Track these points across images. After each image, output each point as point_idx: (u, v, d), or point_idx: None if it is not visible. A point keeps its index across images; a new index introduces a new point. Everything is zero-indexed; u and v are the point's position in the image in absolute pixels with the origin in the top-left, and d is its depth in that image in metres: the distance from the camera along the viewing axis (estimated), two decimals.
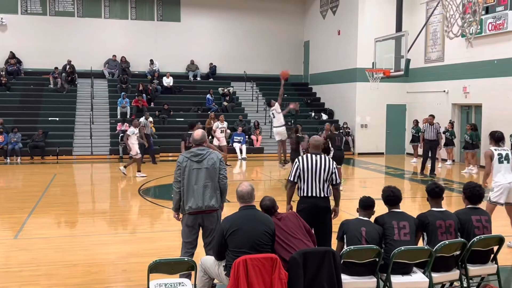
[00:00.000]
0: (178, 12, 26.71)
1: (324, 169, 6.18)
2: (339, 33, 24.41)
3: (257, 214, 5.14)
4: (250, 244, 4.87)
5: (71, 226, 10.00)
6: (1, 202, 11.95)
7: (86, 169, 18.86)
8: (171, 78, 25.45)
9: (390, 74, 16.25)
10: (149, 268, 4.78)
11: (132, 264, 7.17)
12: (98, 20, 25.76)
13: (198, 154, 5.96)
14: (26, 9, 25.01)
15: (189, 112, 24.03)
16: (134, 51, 25.94)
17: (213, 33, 27.06)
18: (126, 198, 13.48)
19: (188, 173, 5.90)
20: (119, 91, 24.04)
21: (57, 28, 25.04)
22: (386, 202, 5.69)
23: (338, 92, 24.75)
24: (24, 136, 20.20)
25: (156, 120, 22.17)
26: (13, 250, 7.96)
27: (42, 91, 23.78)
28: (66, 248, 8.04)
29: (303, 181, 6.19)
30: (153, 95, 24.25)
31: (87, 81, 24.52)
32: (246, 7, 27.10)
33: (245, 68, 26.72)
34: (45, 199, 12.12)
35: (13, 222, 9.77)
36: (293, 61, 28.15)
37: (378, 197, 5.78)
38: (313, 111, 25.57)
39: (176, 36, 26.48)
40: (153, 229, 9.78)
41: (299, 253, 4.80)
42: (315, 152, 6.32)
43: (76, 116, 22.62)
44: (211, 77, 26.95)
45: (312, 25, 27.46)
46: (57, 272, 6.81)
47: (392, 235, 5.39)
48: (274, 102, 16.24)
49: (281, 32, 27.70)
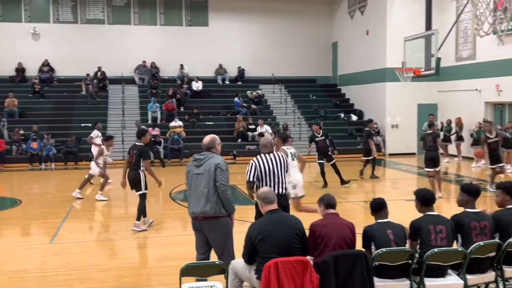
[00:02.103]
0: (206, 16, 26.90)
1: (280, 166, 6.18)
2: (368, 33, 24.21)
3: (285, 218, 5.12)
4: (280, 249, 4.85)
5: (105, 230, 10.16)
6: (36, 208, 12.20)
7: (118, 174, 19.01)
8: (200, 82, 25.63)
9: (420, 73, 16.02)
10: (181, 272, 4.82)
11: (164, 268, 7.23)
12: (127, 26, 26.13)
13: (197, 159, 5.95)
14: (57, 17, 25.55)
15: (218, 115, 24.15)
16: (164, 57, 26.21)
17: (241, 36, 27.15)
18: (157, 202, 13.60)
19: (191, 178, 5.94)
20: (149, 96, 24.32)
21: (88, 36, 25.49)
22: (422, 203, 5.48)
23: (367, 93, 24.54)
24: (58, 142, 20.60)
25: (186, 124, 22.36)
26: (48, 254, 8.12)
27: (75, 98, 24.21)
28: (100, 252, 8.17)
29: (261, 181, 6.16)
30: (183, 99, 24.46)
31: (118, 87, 24.88)
32: (273, 10, 27.11)
33: (273, 70, 26.73)
34: (78, 204, 12.32)
35: (48, 227, 9.97)
36: (322, 62, 28.06)
37: (410, 198, 5.68)
38: (343, 112, 25.41)
39: (205, 40, 26.65)
40: (184, 232, 9.82)
41: (331, 256, 4.76)
42: (268, 152, 6.30)
43: (108, 122, 22.97)
44: (239, 81, 27.05)
45: (340, 26, 27.31)
46: (91, 276, 6.92)
47: (428, 240, 5.22)
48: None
49: (309, 33, 27.62)
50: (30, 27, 25.06)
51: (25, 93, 23.92)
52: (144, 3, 26.30)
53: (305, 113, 25.13)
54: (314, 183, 15.23)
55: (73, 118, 22.83)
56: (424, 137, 12.76)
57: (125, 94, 24.49)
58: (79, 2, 25.65)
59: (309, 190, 14.25)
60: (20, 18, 25.14)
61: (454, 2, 21.03)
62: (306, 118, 24.70)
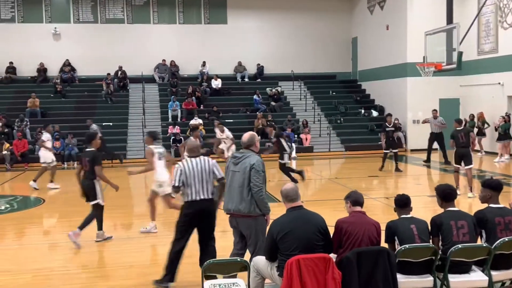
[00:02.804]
0: (224, 14, 26.93)
1: (207, 170, 6.18)
2: (388, 28, 24.00)
3: (307, 215, 5.08)
4: (302, 246, 4.83)
5: (127, 228, 10.24)
6: (59, 206, 12.35)
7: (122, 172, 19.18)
8: (219, 80, 25.69)
9: (442, 68, 15.85)
10: (203, 269, 4.84)
11: (186, 265, 7.25)
12: (147, 25, 26.29)
13: (235, 156, 6.01)
14: (78, 18, 25.81)
15: (238, 113, 24.19)
16: (183, 55, 26.32)
17: (259, 33, 27.13)
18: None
19: (228, 174, 6.02)
20: (169, 94, 24.46)
21: (108, 35, 25.72)
22: (443, 198, 5.44)
23: (388, 88, 24.34)
24: (80, 142, 20.80)
25: (205, 122, 22.43)
26: (72, 252, 8.21)
27: (96, 97, 24.45)
28: (123, 250, 8.24)
29: (187, 186, 6.16)
30: (202, 97, 24.54)
31: (138, 86, 25.07)
32: (292, 6, 27.02)
33: (292, 67, 26.65)
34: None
35: (72, 225, 10.05)
36: (341, 58, 27.91)
37: (432, 194, 5.62)
38: (363, 108, 25.25)
39: (223, 38, 26.69)
40: None
41: (353, 253, 4.74)
42: (194, 156, 6.31)
43: (128, 120, 23.16)
44: (258, 78, 27.04)
45: (359, 21, 27.11)
46: (114, 274, 6.99)
47: (450, 236, 5.18)
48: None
49: (328, 29, 27.48)
50: (51, 28, 25.37)
51: (47, 93, 24.23)
52: (163, 2, 26.44)
53: (325, 110, 25.02)
54: (335, 180, 15.16)
55: (95, 118, 23.03)
56: (455, 134, 12.17)
57: (145, 93, 24.66)
58: (99, 2, 25.88)
59: (330, 186, 14.21)
60: (41, 19, 25.46)
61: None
62: (326, 115, 24.60)
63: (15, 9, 25.26)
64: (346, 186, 13.95)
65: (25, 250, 8.67)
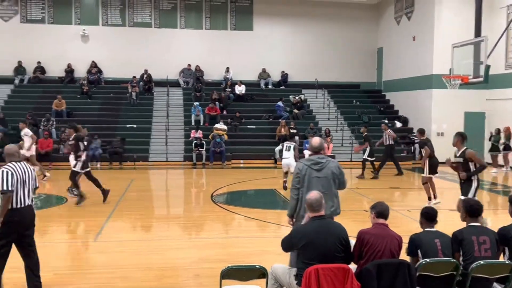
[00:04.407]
0: (250, 21, 27.04)
1: (30, 176, 6.04)
2: (414, 39, 23.84)
3: (330, 225, 5.06)
4: (322, 256, 4.81)
5: (146, 230, 10.31)
6: (81, 206, 12.48)
7: (162, 175, 19.39)
8: (243, 86, 25.77)
9: (468, 81, 15.68)
10: (222, 274, 4.84)
11: (204, 269, 7.28)
12: (174, 30, 26.53)
13: (318, 162, 5.98)
14: (106, 20, 26.17)
15: (261, 119, 24.22)
16: (208, 60, 26.48)
17: (285, 41, 27.17)
18: (199, 203, 13.74)
19: (308, 181, 5.90)
20: (193, 99, 24.61)
21: (135, 39, 26.02)
22: (469, 213, 5.40)
23: (412, 99, 24.14)
24: (104, 143, 21.06)
25: (229, 128, 22.51)
26: (92, 252, 8.30)
27: (121, 99, 24.72)
28: (141, 251, 8.29)
29: (14, 192, 5.86)
30: (226, 103, 24.64)
31: (163, 89, 25.28)
32: (318, 14, 27.02)
33: (316, 75, 26.61)
34: (122, 204, 12.56)
35: (93, 225, 10.18)
36: (366, 67, 27.80)
37: (453, 208, 5.55)
38: (387, 118, 25.06)
39: (249, 44, 26.80)
40: (225, 235, 9.89)
41: (373, 264, 4.70)
42: (16, 160, 6.00)
43: (152, 123, 23.35)
44: (282, 85, 27.05)
45: (385, 31, 26.98)
46: (132, 275, 7.03)
47: (472, 251, 5.11)
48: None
49: (353, 38, 27.40)
50: (80, 30, 25.77)
51: (73, 93, 24.57)
52: (190, 7, 26.66)
53: (348, 119, 24.92)
54: (355, 190, 15.06)
55: (119, 119, 23.31)
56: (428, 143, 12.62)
57: (169, 96, 24.85)
58: (128, 5, 26.21)
59: (350, 196, 14.12)
60: (71, 21, 25.88)
61: (505, 9, 20.49)
62: (349, 124, 24.49)
63: (45, 11, 25.72)
64: (366, 196, 13.87)
65: (47, 248, 8.77)
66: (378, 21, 27.80)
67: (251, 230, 10.16)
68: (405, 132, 23.98)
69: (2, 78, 24.66)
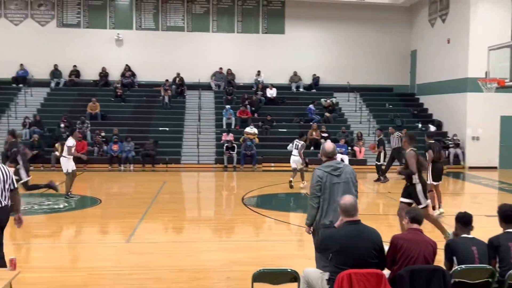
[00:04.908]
0: (282, 24, 27.03)
1: (5, 178, 5.98)
2: (449, 42, 23.45)
3: (363, 230, 4.99)
4: (356, 262, 4.75)
5: (178, 232, 10.40)
6: (115, 207, 12.67)
7: (193, 178, 19.54)
8: (274, 89, 25.77)
9: (505, 84, 15.33)
10: (253, 277, 4.84)
11: (235, 272, 7.29)
12: (206, 34, 26.71)
13: (337, 167, 5.90)
14: (140, 25, 26.54)
15: (291, 123, 24.17)
16: (239, 64, 26.57)
17: (316, 44, 27.07)
18: (230, 206, 13.78)
19: (329, 188, 5.80)
20: (224, 102, 24.73)
21: (168, 42, 26.30)
22: (503, 219, 5.28)
23: (447, 103, 23.73)
24: (137, 145, 21.34)
25: (259, 131, 22.53)
26: (125, 253, 8.40)
27: (154, 102, 25.00)
28: (173, 253, 8.35)
29: None
30: (257, 106, 24.68)
31: (195, 93, 25.46)
32: (350, 17, 26.84)
33: (348, 78, 26.41)
34: (155, 206, 12.69)
35: (126, 226, 10.32)
36: (399, 70, 27.47)
37: (492, 214, 5.43)
38: (420, 122, 24.70)
39: (280, 48, 26.79)
40: (255, 238, 9.90)
41: (407, 270, 4.63)
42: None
43: (184, 126, 23.55)
44: (314, 88, 26.95)
45: (419, 33, 26.62)
46: (165, 277, 7.09)
47: (508, 258, 5.00)
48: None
49: (386, 41, 27.12)
50: (114, 34, 26.18)
51: (107, 96, 24.96)
52: (222, 11, 26.82)
53: (380, 122, 24.63)
54: (387, 194, 14.90)
55: (152, 122, 23.57)
56: (434, 147, 11.72)
57: (201, 99, 25.02)
58: (161, 10, 26.53)
59: (382, 201, 13.95)
60: (105, 25, 26.32)
61: None
62: (381, 128, 24.18)
63: (80, 15, 26.23)
64: (398, 201, 13.66)
65: (81, 248, 8.95)
66: (411, 23, 27.45)
67: (282, 233, 10.14)
68: (439, 136, 23.58)
69: (39, 82, 25.22)
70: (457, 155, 21.91)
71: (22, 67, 25.47)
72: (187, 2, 26.60)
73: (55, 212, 11.75)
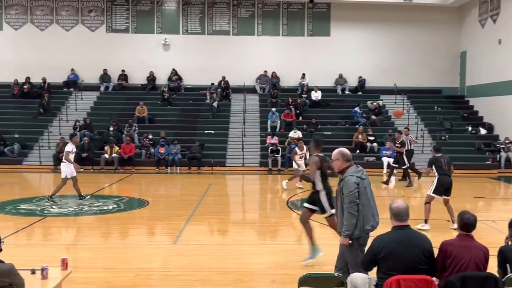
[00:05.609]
0: (328, 26, 26.87)
1: None
2: (500, 42, 22.77)
3: (413, 236, 4.89)
4: (405, 268, 4.65)
5: (224, 235, 10.46)
6: (162, 209, 12.87)
7: (238, 180, 19.62)
8: (319, 92, 25.62)
9: None
10: (300, 281, 4.82)
11: (280, 276, 7.27)
12: (251, 37, 26.84)
13: (361, 171, 5.85)
14: (187, 29, 26.91)
15: (337, 125, 23.96)
16: (284, 66, 26.55)
17: (362, 46, 26.77)
18: (274, 209, 13.77)
19: (365, 193, 5.72)
20: (269, 105, 24.75)
21: (213, 46, 26.56)
22: None
23: (498, 105, 23.04)
24: (183, 148, 21.62)
25: (304, 134, 22.43)
26: (172, 254, 8.51)
27: (200, 105, 25.27)
28: (219, 255, 8.40)
29: None
30: (302, 109, 24.59)
31: (240, 96, 25.60)
32: (397, 18, 26.43)
33: (395, 80, 25.98)
34: (201, 208, 12.82)
35: (173, 228, 10.45)
36: (448, 72, 26.86)
37: None
38: (470, 125, 24.06)
39: (326, 50, 26.63)
40: (300, 242, 9.84)
41: (458, 277, 4.50)
42: None
43: (229, 129, 23.70)
44: (359, 91, 26.65)
45: (469, 34, 25.95)
46: (211, 278, 7.14)
47: None
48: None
49: (434, 42, 26.55)
50: (161, 38, 26.65)
51: (155, 100, 25.40)
52: (267, 14, 26.89)
53: (428, 125, 24.13)
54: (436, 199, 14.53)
55: (198, 125, 23.83)
56: (438, 160, 10.87)
57: (246, 103, 25.13)
58: (207, 14, 26.82)
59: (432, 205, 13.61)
60: (153, 30, 26.82)
61: None
62: (429, 131, 23.71)
63: (129, 20, 26.81)
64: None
65: (129, 249, 9.11)
66: (461, 24, 26.79)
67: (326, 237, 10.02)
68: (490, 140, 22.93)
69: (89, 86, 25.91)
70: (508, 159, 21.24)
71: (73, 71, 26.26)
72: (232, 6, 26.81)
73: (104, 213, 12.02)
